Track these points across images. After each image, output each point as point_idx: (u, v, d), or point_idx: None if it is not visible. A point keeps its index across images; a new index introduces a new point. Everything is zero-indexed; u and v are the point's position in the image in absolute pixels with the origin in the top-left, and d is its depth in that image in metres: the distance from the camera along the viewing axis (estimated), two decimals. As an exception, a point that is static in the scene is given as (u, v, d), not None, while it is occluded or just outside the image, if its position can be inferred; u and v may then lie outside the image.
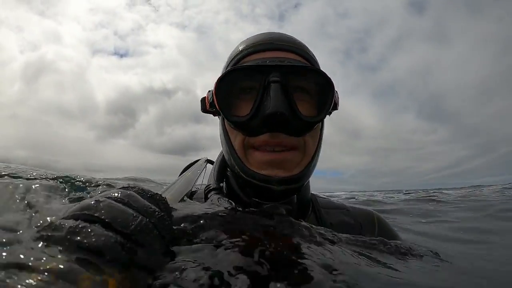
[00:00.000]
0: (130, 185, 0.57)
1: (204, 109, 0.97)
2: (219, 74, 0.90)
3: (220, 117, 0.96)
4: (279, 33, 0.95)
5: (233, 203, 0.82)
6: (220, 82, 0.84)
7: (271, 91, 0.77)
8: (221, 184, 0.99)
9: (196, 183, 1.14)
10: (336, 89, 0.88)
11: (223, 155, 1.02)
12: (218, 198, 0.87)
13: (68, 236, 0.40)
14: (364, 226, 1.05)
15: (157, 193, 0.58)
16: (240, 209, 0.78)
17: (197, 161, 1.39)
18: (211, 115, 0.99)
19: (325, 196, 1.19)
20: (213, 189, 0.95)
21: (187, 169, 1.30)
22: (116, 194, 0.51)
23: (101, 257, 0.40)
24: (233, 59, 0.93)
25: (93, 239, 0.40)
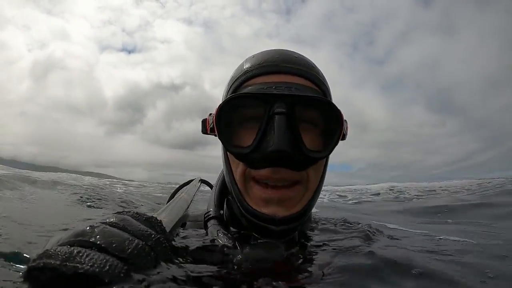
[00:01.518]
0: (125, 210, 0.58)
1: (205, 132, 0.91)
2: (226, 69, 0.86)
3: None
4: (288, 52, 0.89)
5: (231, 238, 0.81)
6: (221, 110, 0.80)
7: (275, 125, 0.73)
8: (221, 212, 0.96)
9: (190, 206, 1.14)
10: (345, 119, 0.83)
11: (223, 177, 1.00)
12: (218, 230, 0.85)
13: (64, 263, 0.40)
14: None
15: (152, 216, 0.58)
16: (237, 246, 0.77)
17: (191, 181, 1.38)
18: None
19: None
20: (213, 217, 0.92)
21: (180, 189, 1.30)
22: (110, 219, 0.51)
23: (99, 282, 0.40)
24: (236, 79, 0.87)
25: (90, 264, 0.40)
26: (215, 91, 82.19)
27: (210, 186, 1.46)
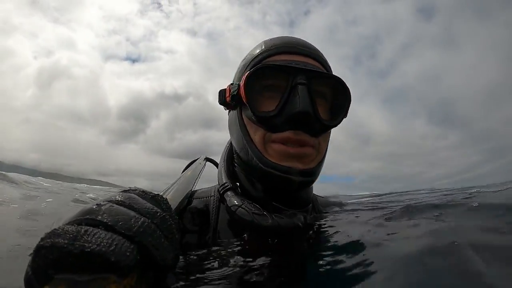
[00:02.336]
0: (131, 188, 0.58)
1: (223, 101, 0.99)
2: (229, 80, 0.94)
3: (235, 111, 0.97)
4: (296, 37, 0.98)
5: (254, 208, 0.84)
6: (249, 77, 0.87)
7: (299, 92, 0.82)
8: (237, 184, 0.98)
9: (196, 183, 1.15)
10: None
11: (230, 152, 1.05)
12: (242, 199, 0.87)
13: (72, 242, 0.40)
14: None
15: (158, 194, 0.58)
16: (263, 214, 0.82)
17: (196, 159, 1.39)
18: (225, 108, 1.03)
19: (323, 196, 1.25)
20: (230, 188, 0.94)
21: (188, 167, 1.30)
22: (117, 197, 0.51)
23: (107, 260, 0.40)
24: (256, 57, 0.95)
25: (96, 243, 0.41)
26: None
27: (216, 164, 1.46)
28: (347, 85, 0.91)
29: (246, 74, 0.88)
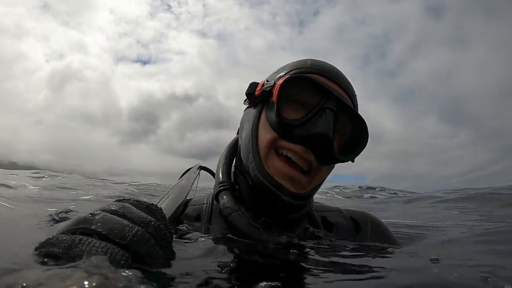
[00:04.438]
0: (125, 197, 0.58)
1: (252, 93, 0.96)
2: (239, 80, 0.95)
3: (254, 109, 0.96)
4: (333, 65, 0.97)
5: (250, 218, 0.84)
6: (289, 81, 0.87)
7: (327, 115, 0.83)
8: (236, 187, 0.96)
9: (190, 191, 1.15)
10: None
11: (232, 150, 1.06)
12: (240, 210, 0.86)
13: (66, 251, 0.41)
14: (357, 226, 1.09)
15: (152, 204, 0.59)
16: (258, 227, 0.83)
17: (191, 168, 1.39)
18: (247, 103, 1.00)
19: (318, 202, 1.21)
20: (226, 189, 0.93)
21: (182, 177, 1.30)
22: (111, 207, 0.52)
23: (100, 269, 0.41)
24: (299, 68, 0.94)
25: (92, 252, 0.41)
26: (229, 103, 78.66)
27: (211, 172, 1.47)
28: (367, 126, 0.90)
29: (286, 77, 0.88)
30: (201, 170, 1.43)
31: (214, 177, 1.05)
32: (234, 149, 1.07)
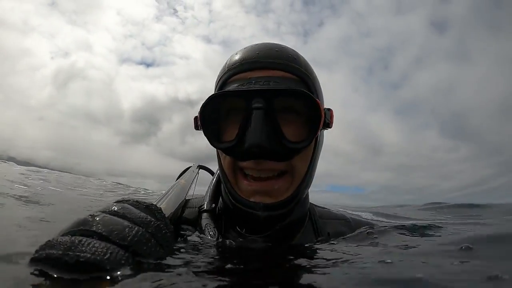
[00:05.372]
0: (125, 198, 0.58)
1: (197, 128, 0.93)
2: None
3: None
4: (270, 46, 0.90)
5: (216, 234, 0.85)
6: (204, 108, 0.84)
7: (252, 120, 0.76)
8: (213, 205, 0.98)
9: (189, 191, 1.15)
10: (329, 106, 0.88)
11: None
12: (206, 224, 0.89)
13: (66, 252, 0.41)
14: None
15: (152, 204, 0.59)
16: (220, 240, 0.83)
17: (190, 167, 1.38)
18: None
19: (324, 207, 1.16)
20: (206, 210, 0.95)
21: (181, 176, 1.30)
22: (110, 208, 0.52)
23: (101, 270, 0.41)
24: (221, 77, 0.90)
25: (91, 252, 0.41)
26: None
27: (210, 172, 1.46)
28: (314, 96, 0.83)
29: (200, 111, 0.85)
30: (200, 169, 1.43)
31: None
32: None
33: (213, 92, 0.90)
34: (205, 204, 0.98)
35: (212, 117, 0.87)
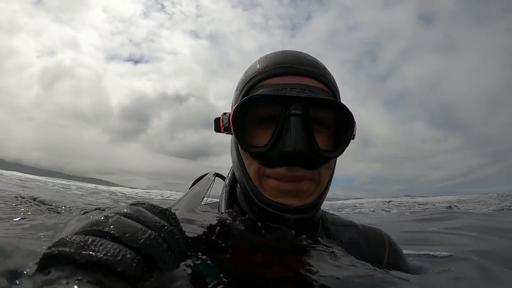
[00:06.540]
0: (140, 201, 0.58)
1: (218, 130, 0.94)
2: (231, 81, 0.87)
3: (232, 137, 0.93)
4: (300, 54, 0.90)
5: (244, 223, 0.83)
6: (238, 110, 0.82)
7: (292, 126, 0.75)
8: (230, 211, 0.95)
9: (205, 197, 1.14)
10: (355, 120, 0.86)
11: (234, 176, 1.00)
12: (234, 216, 0.86)
13: (78, 251, 0.40)
14: (374, 246, 1.05)
15: (166, 208, 0.58)
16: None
17: (206, 174, 1.39)
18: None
19: (334, 213, 1.18)
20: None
21: (196, 182, 1.30)
22: (125, 210, 0.52)
23: (111, 271, 0.40)
24: (250, 79, 0.88)
25: (103, 253, 0.41)
26: (220, 103, 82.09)
27: (224, 179, 1.46)
28: (350, 110, 0.83)
29: (235, 106, 0.83)
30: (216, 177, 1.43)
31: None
32: (233, 177, 1.03)
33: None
34: (223, 207, 0.97)
35: (242, 121, 0.84)
